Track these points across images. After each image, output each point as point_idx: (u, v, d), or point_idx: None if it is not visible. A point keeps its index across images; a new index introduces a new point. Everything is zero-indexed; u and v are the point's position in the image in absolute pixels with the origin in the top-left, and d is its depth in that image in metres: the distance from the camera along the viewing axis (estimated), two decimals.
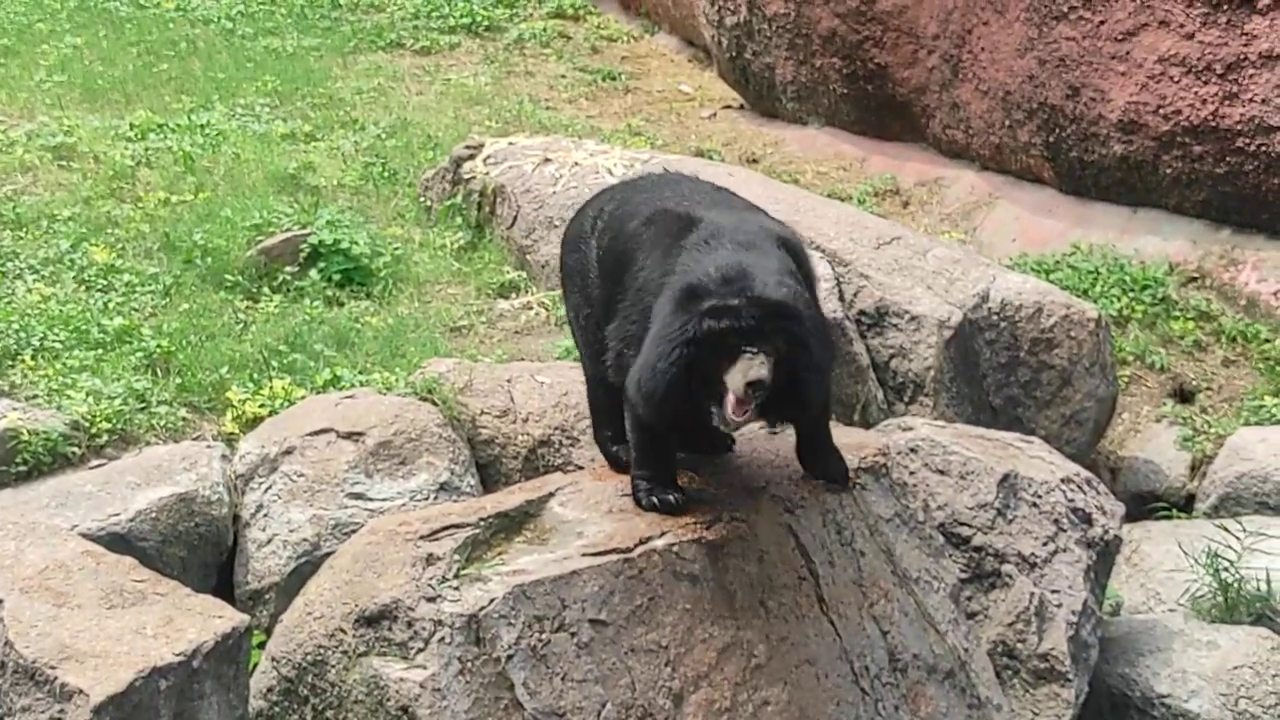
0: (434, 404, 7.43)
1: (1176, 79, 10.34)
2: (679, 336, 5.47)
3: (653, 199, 6.05)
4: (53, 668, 5.43)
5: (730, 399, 5.46)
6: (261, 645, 6.22)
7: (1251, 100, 10.06)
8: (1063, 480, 7.29)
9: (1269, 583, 7.71)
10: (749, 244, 5.68)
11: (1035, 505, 7.15)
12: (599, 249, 6.09)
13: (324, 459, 7.10)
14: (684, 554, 5.92)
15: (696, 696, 5.82)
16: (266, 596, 6.87)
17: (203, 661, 5.61)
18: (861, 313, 8.60)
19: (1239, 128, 10.15)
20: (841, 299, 8.56)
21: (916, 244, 9.11)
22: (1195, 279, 10.39)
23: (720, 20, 13.36)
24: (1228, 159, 10.25)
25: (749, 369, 5.40)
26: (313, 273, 9.03)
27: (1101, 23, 10.65)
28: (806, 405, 5.77)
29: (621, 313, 5.83)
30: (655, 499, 5.98)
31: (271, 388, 7.71)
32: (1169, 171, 10.53)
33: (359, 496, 7.03)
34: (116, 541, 6.56)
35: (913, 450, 7.14)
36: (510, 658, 5.64)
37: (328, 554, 6.50)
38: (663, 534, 5.93)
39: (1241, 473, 8.75)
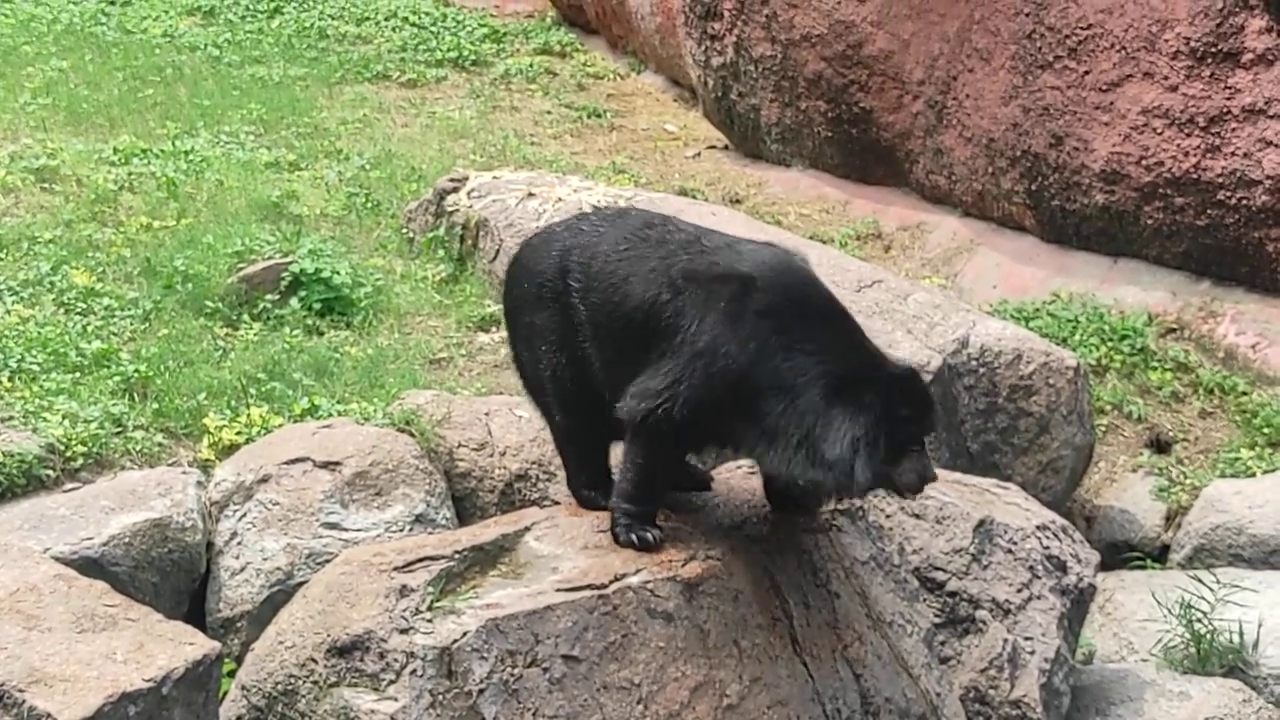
0: (411, 435, 7.42)
1: (1159, 131, 10.39)
2: (881, 421, 5.65)
3: (641, 253, 5.97)
4: (21, 691, 5.39)
5: (899, 488, 5.81)
6: (232, 673, 6.19)
7: (1233, 154, 10.11)
8: (1038, 527, 7.29)
9: (1241, 634, 7.72)
10: (841, 313, 5.87)
11: (1010, 552, 7.15)
12: (587, 308, 5.99)
13: (300, 488, 7.08)
14: (659, 591, 5.91)
15: None
16: (238, 624, 6.85)
17: (173, 688, 5.58)
18: None
19: (1220, 180, 10.19)
20: None
21: (897, 288, 9.12)
22: (1174, 330, 10.42)
23: (707, 61, 13.41)
24: (1209, 211, 10.29)
25: (924, 469, 5.74)
26: (293, 301, 9.02)
27: (1086, 73, 10.71)
28: None
29: (667, 371, 5.78)
30: (634, 535, 5.98)
31: (249, 415, 7.69)
32: (1150, 222, 10.57)
33: (334, 526, 7.01)
34: (89, 565, 6.53)
35: None
36: (482, 692, 5.62)
37: (301, 583, 6.47)
38: (638, 571, 5.91)
39: (1216, 524, 8.76)
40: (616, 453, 6.32)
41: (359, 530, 7.00)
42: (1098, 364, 9.98)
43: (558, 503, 6.86)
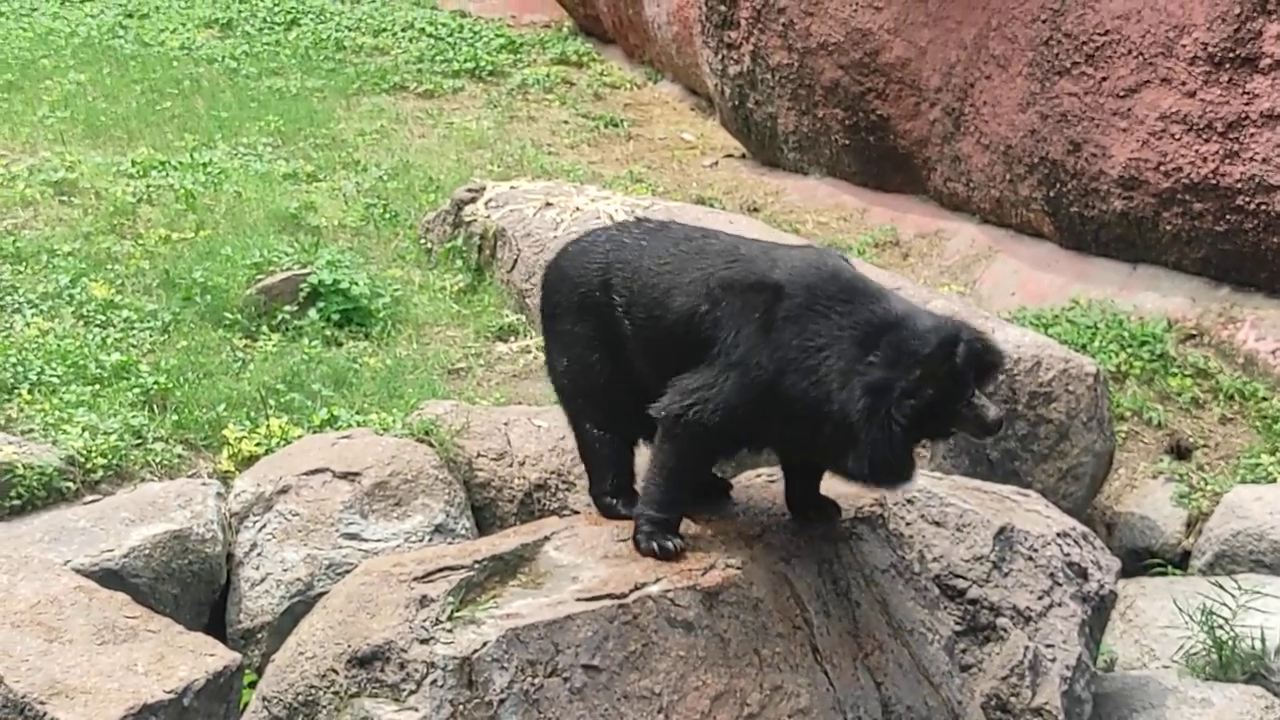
0: (431, 445, 7.43)
1: (1178, 136, 10.37)
2: (912, 395, 5.66)
3: (681, 265, 5.99)
4: (43, 703, 5.41)
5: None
6: (253, 684, 6.20)
7: (1252, 159, 10.08)
8: (1059, 534, 7.28)
9: (1263, 641, 7.69)
10: (869, 295, 5.84)
11: (1031, 559, 7.14)
12: (632, 322, 6.03)
13: (319, 499, 7.09)
14: (679, 600, 5.90)
15: None
16: (259, 635, 6.85)
17: (194, 700, 5.59)
18: None
19: (1239, 186, 10.17)
20: None
21: (916, 296, 9.09)
22: (1194, 336, 10.39)
23: (723, 69, 13.41)
24: (1227, 217, 10.27)
25: (981, 418, 5.76)
26: (312, 312, 9.03)
27: (1104, 79, 10.69)
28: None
29: (702, 376, 5.82)
30: (655, 544, 5.98)
31: (268, 426, 7.70)
32: (1169, 228, 10.55)
33: (353, 537, 7.01)
34: (109, 577, 6.54)
35: (909, 501, 7.12)
36: (502, 702, 5.62)
37: (321, 594, 6.48)
38: (658, 580, 5.91)
39: (1237, 530, 8.73)
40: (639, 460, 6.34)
41: (379, 540, 7.01)
42: (1117, 370, 9.95)
43: (577, 512, 6.86)
